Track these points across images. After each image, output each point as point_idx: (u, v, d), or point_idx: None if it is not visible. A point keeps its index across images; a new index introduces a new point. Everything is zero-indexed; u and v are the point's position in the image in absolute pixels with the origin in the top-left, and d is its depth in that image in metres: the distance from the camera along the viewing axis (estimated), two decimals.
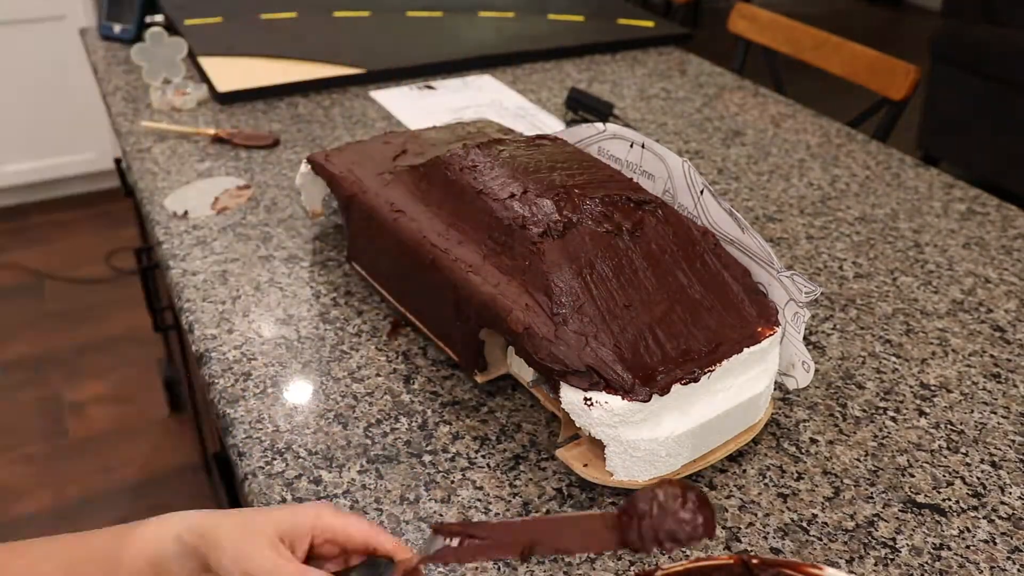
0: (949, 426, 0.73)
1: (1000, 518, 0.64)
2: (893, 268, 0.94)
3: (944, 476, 0.68)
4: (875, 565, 0.60)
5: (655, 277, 0.67)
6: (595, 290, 0.65)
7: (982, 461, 0.69)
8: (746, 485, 0.66)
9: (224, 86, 1.29)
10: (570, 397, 0.61)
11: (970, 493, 0.66)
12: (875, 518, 0.64)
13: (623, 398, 0.60)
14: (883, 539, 0.62)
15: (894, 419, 0.73)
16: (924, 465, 0.69)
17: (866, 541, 0.62)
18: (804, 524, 0.63)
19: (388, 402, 0.73)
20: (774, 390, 0.75)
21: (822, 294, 0.89)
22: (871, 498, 0.66)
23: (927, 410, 0.75)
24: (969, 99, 2.78)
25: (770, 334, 0.67)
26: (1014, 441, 0.72)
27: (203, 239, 0.94)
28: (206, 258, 0.91)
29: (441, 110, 1.28)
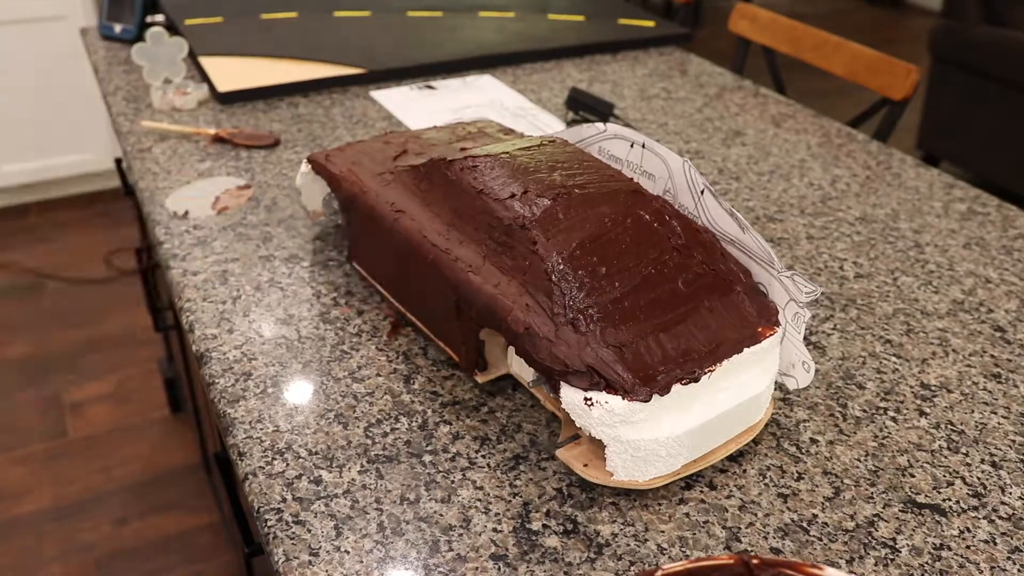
0: (949, 426, 0.73)
1: (1000, 518, 0.64)
2: (893, 268, 0.94)
3: (944, 476, 0.68)
4: (875, 565, 0.60)
5: (656, 277, 0.67)
6: (595, 290, 0.65)
7: (982, 461, 0.69)
8: (746, 485, 0.66)
9: (224, 86, 1.29)
10: (570, 397, 0.61)
11: (970, 493, 0.66)
12: (875, 518, 0.64)
13: (623, 398, 0.60)
14: (883, 539, 0.62)
15: (894, 419, 0.73)
16: (924, 465, 0.69)
17: (866, 541, 0.62)
18: (804, 524, 0.63)
19: (388, 402, 0.73)
20: (774, 390, 0.75)
21: (822, 294, 0.89)
22: (871, 498, 0.66)
23: (927, 410, 0.75)
24: (969, 99, 2.78)
25: (770, 334, 0.67)
26: (1014, 441, 0.72)
27: (203, 239, 0.94)
28: (206, 258, 0.91)
29: (441, 110, 1.28)
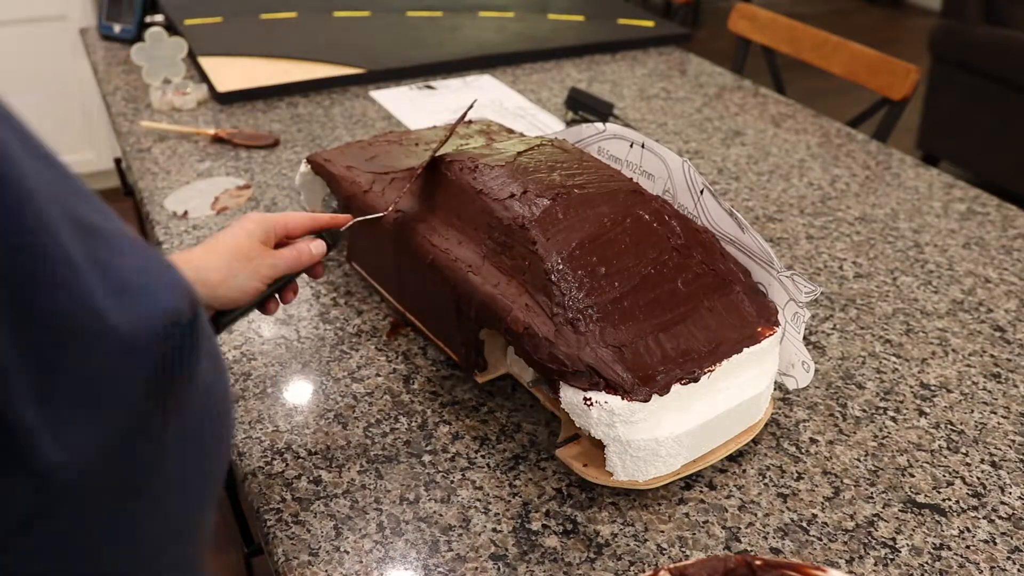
0: (949, 426, 0.73)
1: (1000, 518, 0.64)
2: (893, 268, 0.94)
3: (944, 476, 0.68)
4: (875, 565, 0.60)
5: (656, 277, 0.67)
6: (595, 290, 0.65)
7: (982, 461, 0.69)
8: (746, 485, 0.66)
9: (224, 86, 1.29)
10: (570, 397, 0.61)
11: (970, 493, 0.66)
12: (875, 518, 0.64)
13: (623, 398, 0.60)
14: (883, 539, 0.62)
15: (894, 419, 0.73)
16: (924, 465, 0.69)
17: (866, 541, 0.62)
18: (804, 524, 0.63)
19: (388, 402, 0.73)
20: (774, 390, 0.75)
21: (822, 294, 0.89)
22: (871, 498, 0.65)
23: (927, 410, 0.74)
24: (969, 99, 2.78)
25: (770, 334, 0.67)
26: (1014, 441, 0.72)
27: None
28: None
29: (441, 110, 1.28)
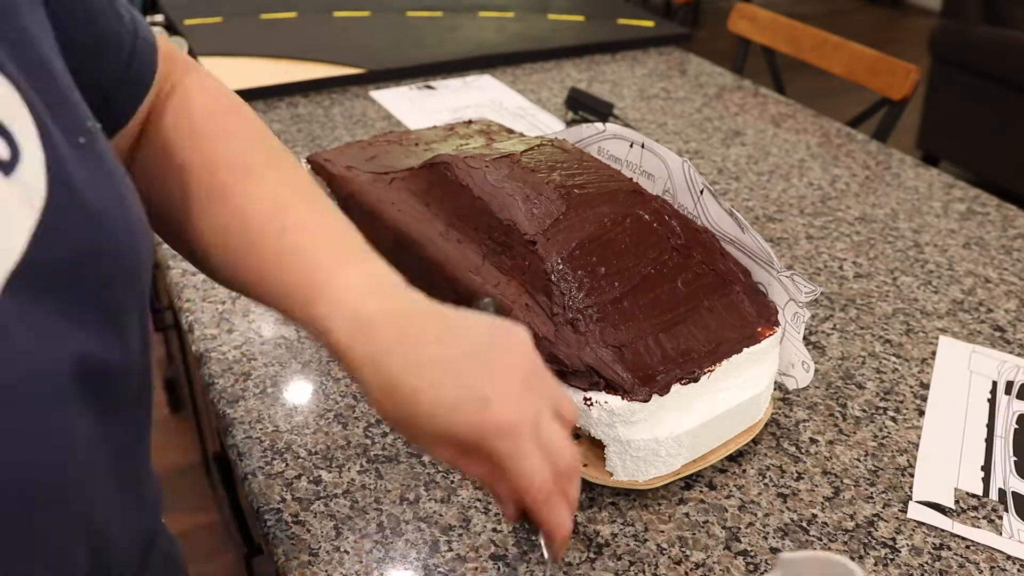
0: None
1: (999, 518, 0.64)
2: (893, 268, 0.94)
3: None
4: (875, 565, 0.60)
5: (655, 277, 0.67)
6: (595, 290, 0.65)
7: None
8: (746, 485, 0.66)
9: None
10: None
11: (969, 493, 0.66)
12: (875, 518, 0.64)
13: (623, 398, 0.60)
14: (883, 539, 0.62)
15: (894, 419, 0.73)
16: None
17: (866, 541, 0.62)
18: (804, 524, 0.63)
19: None
20: (774, 390, 0.75)
21: (822, 294, 0.89)
22: (871, 498, 0.65)
23: (927, 410, 0.74)
24: (969, 99, 2.78)
25: (770, 334, 0.67)
26: None
27: None
28: None
29: (441, 110, 1.28)
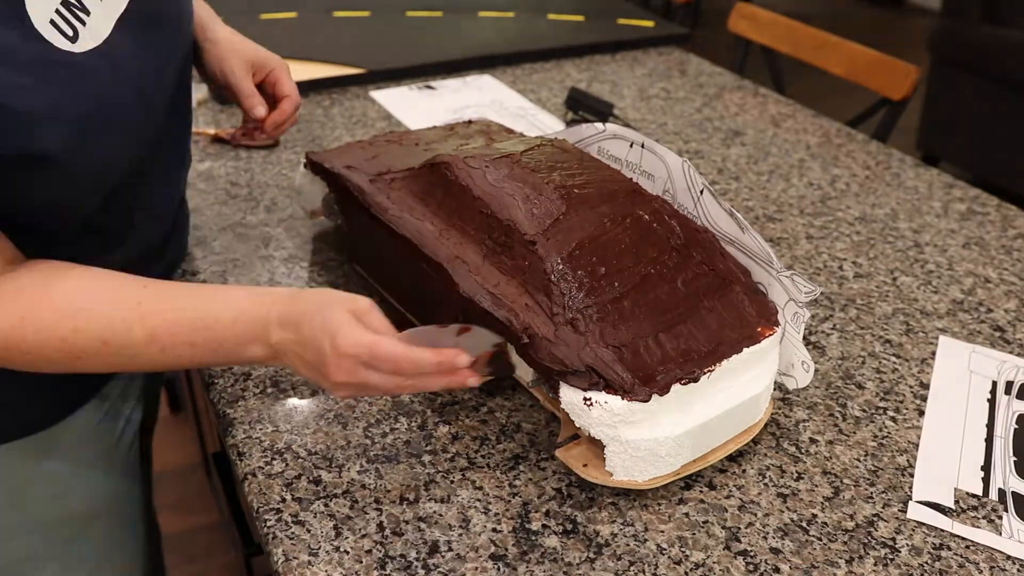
0: None
1: (999, 518, 0.64)
2: (893, 268, 0.94)
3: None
4: (875, 565, 0.60)
5: (655, 277, 0.67)
6: (595, 290, 0.65)
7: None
8: (746, 485, 0.66)
9: None
10: (570, 397, 0.61)
11: (969, 493, 0.66)
12: (875, 518, 0.64)
13: (623, 398, 0.60)
14: (883, 539, 0.62)
15: (894, 419, 0.73)
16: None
17: (866, 541, 0.62)
18: (804, 524, 0.63)
19: (387, 402, 0.73)
20: (774, 390, 0.75)
21: (822, 294, 0.89)
22: (871, 498, 0.65)
23: (926, 410, 0.74)
24: (969, 99, 2.78)
25: (770, 334, 0.67)
26: None
27: (203, 239, 0.94)
28: (206, 258, 0.91)
29: (441, 110, 1.28)
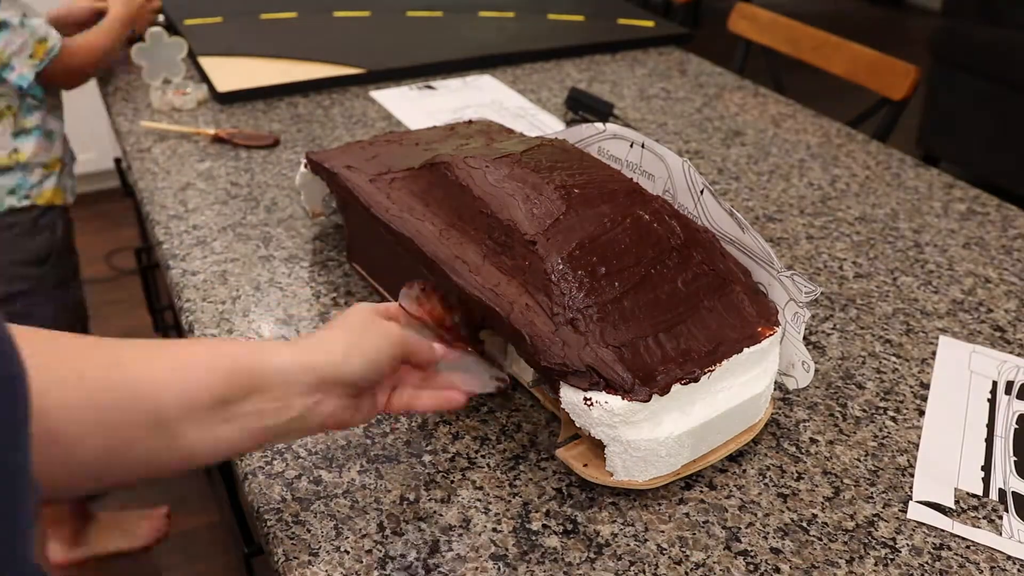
0: None
1: (999, 518, 0.64)
2: (893, 268, 0.94)
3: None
4: (875, 565, 0.60)
5: (655, 277, 0.67)
6: (595, 290, 0.65)
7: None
8: (746, 485, 0.66)
9: (224, 86, 1.29)
10: (570, 397, 0.61)
11: (970, 493, 0.66)
12: (875, 518, 0.64)
13: (623, 398, 0.60)
14: (883, 539, 0.62)
15: (894, 419, 0.73)
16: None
17: (866, 541, 0.62)
18: (804, 524, 0.63)
19: None
20: (774, 390, 0.75)
21: (822, 294, 0.89)
22: (871, 498, 0.66)
23: (927, 410, 0.74)
24: (969, 99, 2.78)
25: (770, 334, 0.67)
26: None
27: (203, 239, 0.94)
28: (206, 258, 0.91)
29: (441, 110, 1.28)
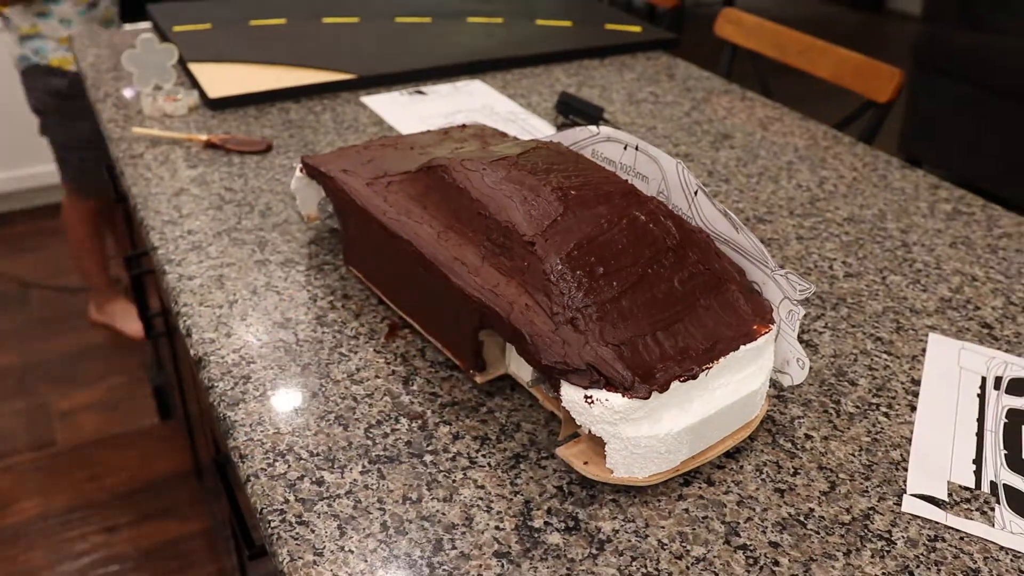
0: None
1: (991, 510, 0.66)
2: (882, 267, 0.95)
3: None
4: (872, 557, 0.61)
5: (653, 276, 0.68)
6: (594, 290, 0.65)
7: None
8: (743, 481, 0.67)
9: (215, 92, 1.29)
10: (571, 395, 0.62)
11: (962, 486, 0.68)
12: (871, 511, 0.65)
13: (623, 395, 0.61)
14: (879, 532, 0.63)
15: (887, 415, 0.75)
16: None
17: (862, 534, 0.63)
18: (801, 518, 0.64)
19: (388, 403, 0.74)
20: (770, 387, 0.76)
21: (813, 293, 0.90)
22: (866, 492, 0.67)
23: (918, 405, 0.76)
24: (949, 103, 2.81)
25: (766, 332, 0.68)
26: None
27: (198, 244, 0.94)
28: (202, 263, 0.91)
29: (432, 115, 1.29)
